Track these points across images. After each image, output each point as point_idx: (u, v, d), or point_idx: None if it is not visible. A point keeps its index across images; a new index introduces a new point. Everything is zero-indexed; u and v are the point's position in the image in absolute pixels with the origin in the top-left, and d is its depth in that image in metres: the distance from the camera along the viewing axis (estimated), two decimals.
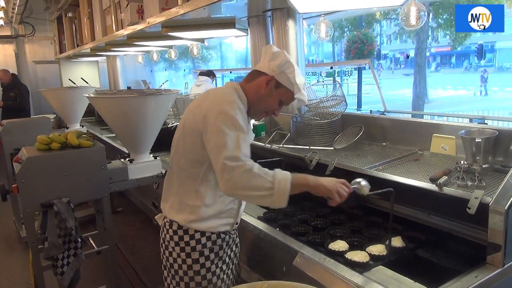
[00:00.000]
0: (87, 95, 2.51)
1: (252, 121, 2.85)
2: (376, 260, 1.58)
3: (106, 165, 2.33)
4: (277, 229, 1.88)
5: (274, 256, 1.83)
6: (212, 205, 1.56)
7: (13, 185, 2.18)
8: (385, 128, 2.33)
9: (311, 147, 2.31)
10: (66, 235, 2.21)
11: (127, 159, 2.58)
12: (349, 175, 2.08)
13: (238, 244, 1.76)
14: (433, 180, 1.64)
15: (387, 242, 1.66)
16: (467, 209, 1.47)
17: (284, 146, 2.39)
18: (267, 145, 2.48)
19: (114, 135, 4.23)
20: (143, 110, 2.38)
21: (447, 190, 1.58)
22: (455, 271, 1.46)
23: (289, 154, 2.31)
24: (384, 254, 1.62)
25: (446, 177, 1.64)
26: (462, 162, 1.75)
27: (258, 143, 2.63)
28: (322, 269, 1.51)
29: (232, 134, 1.39)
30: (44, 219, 2.22)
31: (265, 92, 1.54)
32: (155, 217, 1.78)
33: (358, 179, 1.55)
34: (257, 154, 2.53)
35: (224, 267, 1.62)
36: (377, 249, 1.65)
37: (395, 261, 1.59)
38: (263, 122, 2.81)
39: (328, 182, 1.45)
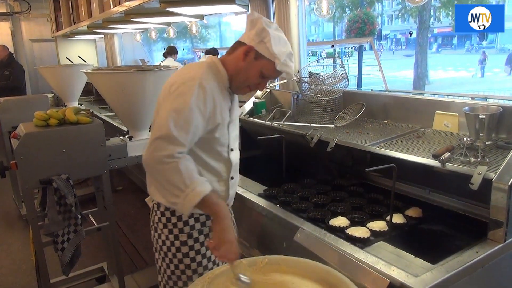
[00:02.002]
0: (85, 71, 2.47)
1: (252, 99, 2.82)
2: (377, 236, 1.58)
3: (105, 142, 2.31)
4: (278, 205, 1.88)
5: (274, 232, 1.83)
6: None
7: (11, 162, 2.16)
8: (387, 106, 2.30)
9: (312, 125, 2.29)
10: (66, 211, 2.21)
11: (126, 136, 2.55)
12: (351, 152, 2.08)
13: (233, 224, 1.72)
14: (435, 157, 1.62)
15: (387, 218, 1.66)
16: (469, 185, 1.46)
17: (285, 123, 2.37)
18: (267, 122, 2.45)
19: (113, 113, 4.20)
20: (142, 86, 2.34)
21: (450, 166, 1.57)
22: (456, 247, 1.46)
23: (290, 131, 2.29)
24: (385, 230, 1.61)
25: (449, 153, 1.62)
26: (465, 138, 1.72)
27: (258, 120, 2.60)
28: (323, 244, 1.51)
29: (178, 115, 1.31)
30: (43, 195, 2.21)
31: (244, 64, 1.43)
32: (146, 199, 1.70)
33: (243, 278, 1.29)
34: (257, 131, 2.52)
35: None
36: (378, 225, 1.65)
37: (396, 237, 1.59)
38: (264, 99, 2.78)
39: (229, 236, 1.32)
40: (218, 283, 1.29)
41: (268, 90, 2.81)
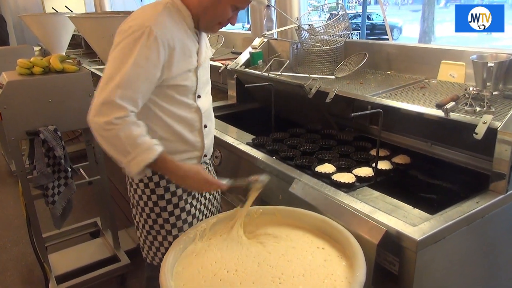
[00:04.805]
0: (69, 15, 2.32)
1: (249, 49, 2.67)
2: (362, 181, 1.56)
3: (93, 92, 2.20)
4: (274, 158, 1.82)
5: (270, 184, 1.78)
6: (170, 139, 1.40)
7: None
8: (390, 56, 2.19)
9: (311, 76, 2.18)
10: (55, 164, 2.15)
11: None
12: (350, 102, 1.99)
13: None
14: (439, 106, 1.54)
15: (373, 164, 1.63)
16: (474, 134, 1.39)
17: (283, 74, 2.26)
18: (264, 73, 2.34)
19: (104, 66, 4.05)
20: None
21: (454, 115, 1.49)
22: (456, 198, 1.41)
23: (288, 82, 2.18)
24: (370, 176, 1.60)
25: (454, 103, 1.54)
26: (471, 88, 1.64)
27: (255, 71, 2.48)
28: (319, 194, 1.47)
29: (122, 74, 1.17)
30: (31, 148, 2.14)
31: (210, 0, 1.29)
32: None
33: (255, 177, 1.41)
34: (253, 82, 2.40)
35: (195, 202, 1.54)
36: (364, 171, 1.63)
37: (381, 183, 1.58)
38: (261, 50, 2.64)
39: (196, 182, 1.30)
40: (219, 228, 1.34)
41: (266, 40, 2.67)
